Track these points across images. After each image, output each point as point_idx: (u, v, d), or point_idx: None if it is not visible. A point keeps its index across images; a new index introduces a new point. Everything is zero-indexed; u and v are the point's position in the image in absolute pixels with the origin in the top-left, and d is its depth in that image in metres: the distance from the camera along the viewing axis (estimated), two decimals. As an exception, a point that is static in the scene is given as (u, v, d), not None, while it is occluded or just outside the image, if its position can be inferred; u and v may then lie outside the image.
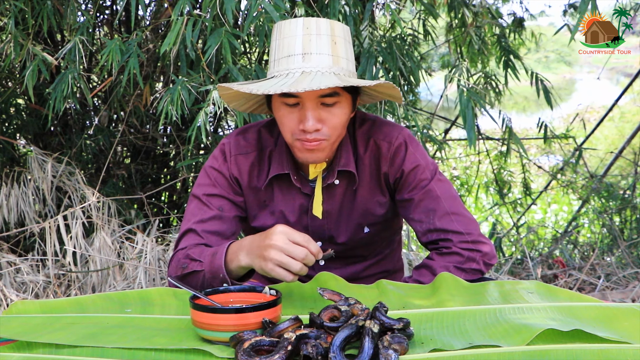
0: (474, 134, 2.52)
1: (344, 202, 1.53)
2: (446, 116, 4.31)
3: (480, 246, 1.45)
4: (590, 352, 0.98)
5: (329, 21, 1.37)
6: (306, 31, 1.35)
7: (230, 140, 1.54)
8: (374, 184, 1.52)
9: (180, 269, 1.40)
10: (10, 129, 3.30)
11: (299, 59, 1.34)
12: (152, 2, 3.24)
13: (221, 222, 1.48)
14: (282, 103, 1.38)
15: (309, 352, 0.96)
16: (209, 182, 1.51)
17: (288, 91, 1.28)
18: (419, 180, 1.48)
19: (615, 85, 12.00)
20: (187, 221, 1.49)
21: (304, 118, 1.35)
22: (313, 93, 1.34)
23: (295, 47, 1.35)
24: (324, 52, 1.35)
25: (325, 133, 1.37)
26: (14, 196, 2.89)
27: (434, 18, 3.30)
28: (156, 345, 1.04)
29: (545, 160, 5.49)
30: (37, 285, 2.68)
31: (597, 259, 3.65)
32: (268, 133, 1.54)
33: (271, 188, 1.52)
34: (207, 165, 1.54)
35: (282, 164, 1.49)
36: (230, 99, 1.49)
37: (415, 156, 1.49)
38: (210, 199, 1.49)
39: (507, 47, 3.23)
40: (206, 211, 1.48)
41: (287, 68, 1.35)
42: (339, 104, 1.38)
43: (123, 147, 3.54)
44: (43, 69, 2.39)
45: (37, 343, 1.07)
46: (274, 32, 1.41)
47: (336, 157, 1.49)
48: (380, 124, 1.53)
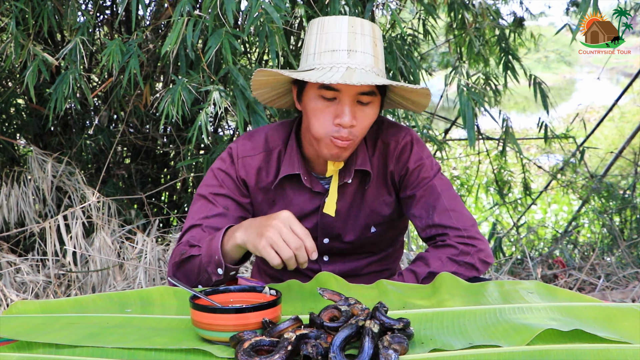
0: (474, 133, 2.52)
1: (354, 202, 1.55)
2: (446, 116, 4.31)
3: (475, 242, 1.46)
4: (590, 352, 0.98)
5: (370, 22, 1.41)
6: (351, 29, 1.38)
7: (237, 144, 1.56)
8: (381, 183, 1.55)
9: (179, 255, 1.41)
10: (10, 129, 3.30)
11: (344, 54, 1.37)
12: (152, 2, 3.24)
13: (226, 219, 1.49)
14: (319, 96, 1.39)
15: (309, 352, 0.96)
16: (217, 183, 1.52)
17: (342, 82, 1.30)
18: (422, 177, 1.51)
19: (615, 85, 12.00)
20: (192, 218, 1.50)
21: (341, 113, 1.37)
22: (353, 90, 1.36)
23: (340, 42, 1.38)
24: (368, 51, 1.39)
25: (355, 133, 1.40)
26: (14, 196, 2.89)
27: (434, 19, 3.30)
28: (156, 345, 1.04)
29: (545, 160, 5.49)
30: (37, 285, 2.68)
31: (597, 259, 3.65)
32: (275, 135, 1.56)
33: (282, 187, 1.54)
34: (214, 167, 1.55)
35: (293, 165, 1.51)
36: (257, 86, 1.51)
37: (420, 155, 1.52)
38: (217, 197, 1.51)
39: (506, 49, 3.24)
40: (212, 208, 1.50)
41: (331, 62, 1.37)
42: (372, 104, 1.41)
43: (123, 147, 3.54)
44: (43, 69, 2.39)
45: (37, 343, 1.07)
46: (313, 26, 1.43)
47: (352, 157, 1.51)
48: (388, 124, 1.55)
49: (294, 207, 1.54)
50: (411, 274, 1.45)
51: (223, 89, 2.21)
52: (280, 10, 2.03)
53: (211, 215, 1.49)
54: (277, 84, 1.50)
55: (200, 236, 1.44)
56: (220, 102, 2.16)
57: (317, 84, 1.37)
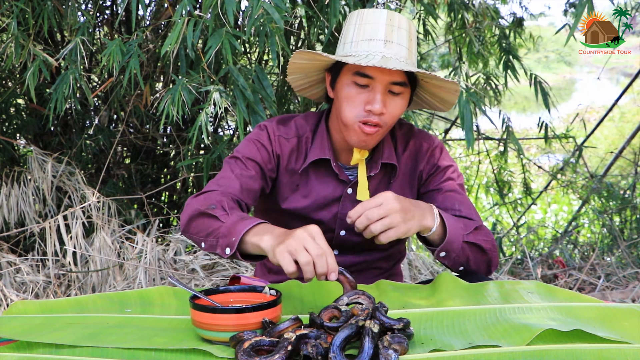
0: (472, 134, 2.52)
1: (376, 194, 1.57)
2: (446, 116, 4.31)
3: (494, 243, 1.48)
4: (590, 352, 0.98)
5: (407, 18, 1.47)
6: (389, 22, 1.44)
7: (272, 124, 1.59)
8: (406, 181, 1.60)
9: (207, 205, 1.39)
10: (10, 129, 3.30)
11: (380, 44, 1.43)
12: (152, 2, 3.24)
13: (254, 182, 1.51)
14: (352, 82, 1.44)
15: (309, 352, 0.96)
16: (254, 150, 1.54)
17: (377, 65, 1.36)
18: (450, 177, 1.57)
19: (615, 85, 12.00)
20: (225, 172, 1.51)
21: (372, 100, 1.42)
22: (387, 78, 1.42)
23: (378, 33, 1.44)
24: (403, 44, 1.45)
25: (384, 120, 1.44)
26: (14, 196, 2.89)
27: (434, 19, 3.30)
28: (156, 345, 1.04)
29: (545, 160, 5.49)
30: (37, 285, 2.68)
31: (597, 259, 3.65)
32: (304, 123, 1.60)
33: (307, 173, 1.57)
34: (252, 137, 1.57)
35: (324, 150, 1.55)
36: (293, 70, 1.55)
37: (450, 160, 1.60)
38: (250, 162, 1.53)
39: (507, 49, 3.23)
40: (244, 169, 1.52)
41: (368, 50, 1.43)
42: (402, 95, 1.46)
43: (123, 147, 3.54)
44: (44, 69, 2.39)
45: (37, 343, 1.07)
46: (352, 17, 1.49)
47: (378, 150, 1.56)
48: (419, 129, 1.64)
49: (316, 194, 1.56)
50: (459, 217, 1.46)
51: (223, 89, 2.21)
52: (281, 10, 2.03)
53: (245, 175, 1.50)
54: (312, 70, 1.55)
55: (232, 205, 1.41)
56: (221, 102, 2.16)
57: (351, 71, 1.43)
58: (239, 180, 1.49)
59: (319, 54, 1.46)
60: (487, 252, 1.44)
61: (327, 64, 1.50)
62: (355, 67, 1.42)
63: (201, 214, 1.39)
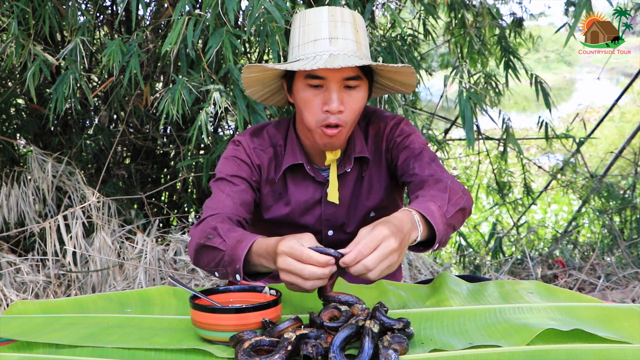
0: (473, 134, 2.52)
1: (354, 189, 1.58)
2: (446, 116, 4.31)
3: (457, 183, 1.42)
4: (590, 352, 0.98)
5: (350, 10, 1.45)
6: (331, 18, 1.42)
7: (245, 138, 1.59)
8: (376, 165, 1.58)
9: (204, 237, 1.39)
10: (10, 129, 3.30)
11: (325, 42, 1.41)
12: (152, 2, 3.24)
13: (247, 195, 1.52)
14: (306, 85, 1.43)
15: (309, 352, 0.96)
16: (234, 167, 1.54)
17: (323, 67, 1.34)
18: (406, 145, 1.54)
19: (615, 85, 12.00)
20: (216, 195, 1.51)
21: (328, 99, 1.40)
22: (338, 75, 1.40)
23: (321, 32, 1.42)
24: (349, 37, 1.42)
25: (344, 119, 1.43)
26: (14, 196, 2.89)
27: (434, 19, 3.30)
28: (156, 345, 1.04)
29: (545, 160, 5.49)
30: (37, 285, 2.68)
31: (597, 259, 3.65)
32: (275, 132, 1.59)
33: (284, 179, 1.57)
34: (228, 155, 1.57)
35: (295, 155, 1.54)
36: (249, 84, 1.54)
37: (408, 131, 1.57)
38: (235, 179, 1.53)
39: (507, 48, 3.23)
40: (233, 186, 1.52)
41: (314, 51, 1.41)
42: (360, 89, 1.44)
43: (123, 147, 3.54)
44: (44, 69, 2.39)
45: (37, 343, 1.07)
46: (296, 20, 1.47)
47: (350, 145, 1.55)
48: (380, 112, 1.62)
49: (297, 199, 1.57)
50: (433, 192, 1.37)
51: (223, 89, 2.21)
52: (282, 10, 2.02)
53: (236, 190, 1.51)
54: (267, 80, 1.53)
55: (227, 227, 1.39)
56: (221, 102, 2.15)
57: (304, 75, 1.41)
58: (230, 198, 1.49)
59: (266, 67, 1.44)
60: (464, 208, 1.38)
61: (280, 72, 1.48)
62: (306, 70, 1.39)
63: (203, 247, 1.39)
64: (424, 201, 1.31)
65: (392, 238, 1.12)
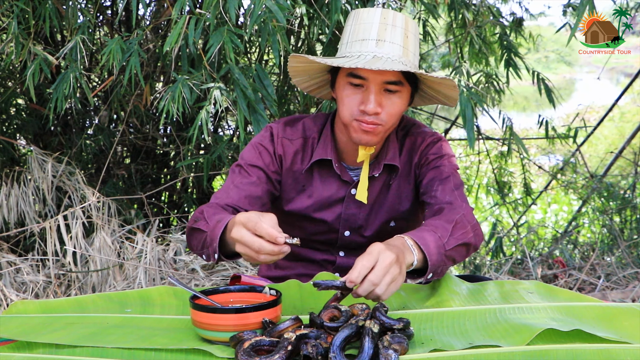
0: (474, 134, 2.53)
1: (379, 195, 1.59)
2: (446, 116, 4.31)
3: (471, 217, 1.43)
4: (590, 352, 0.98)
5: (404, 16, 1.45)
6: (383, 20, 1.43)
7: (278, 125, 1.61)
8: (405, 177, 1.59)
9: (193, 220, 1.45)
10: (10, 129, 3.30)
11: (372, 44, 1.42)
12: (152, 2, 3.23)
13: (258, 188, 1.54)
14: (347, 83, 1.44)
15: (309, 352, 0.96)
16: (255, 155, 1.57)
17: (362, 67, 1.35)
18: (437, 165, 1.55)
19: (615, 85, 12.00)
20: (227, 183, 1.55)
21: (366, 100, 1.42)
22: (379, 77, 1.41)
23: (370, 32, 1.43)
24: (397, 42, 1.43)
25: (382, 118, 1.44)
26: (14, 196, 2.89)
27: (435, 18, 3.29)
28: (156, 345, 1.04)
29: (545, 160, 5.49)
30: (37, 285, 2.68)
31: (597, 259, 3.64)
32: (312, 124, 1.61)
33: (311, 173, 1.58)
34: (254, 141, 1.60)
35: (326, 150, 1.56)
36: (295, 73, 1.56)
37: (442, 151, 1.58)
38: (251, 168, 1.55)
39: (508, 46, 3.23)
40: (245, 177, 1.54)
41: (360, 50, 1.43)
42: (400, 94, 1.45)
43: (123, 147, 3.54)
44: (44, 68, 2.39)
45: (37, 343, 1.07)
46: (350, 18, 1.48)
47: (383, 151, 1.56)
48: (420, 126, 1.63)
49: (320, 195, 1.57)
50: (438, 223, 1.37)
51: (224, 87, 2.21)
52: (284, 8, 2.02)
53: (245, 182, 1.53)
54: (313, 72, 1.55)
55: (212, 211, 1.43)
56: (221, 100, 2.15)
57: (346, 72, 1.43)
58: (237, 188, 1.51)
59: (308, 58, 1.45)
60: (469, 243, 1.39)
61: (326, 66, 1.50)
62: (349, 68, 1.42)
63: (191, 230, 1.44)
64: (423, 230, 1.35)
65: (389, 252, 1.14)
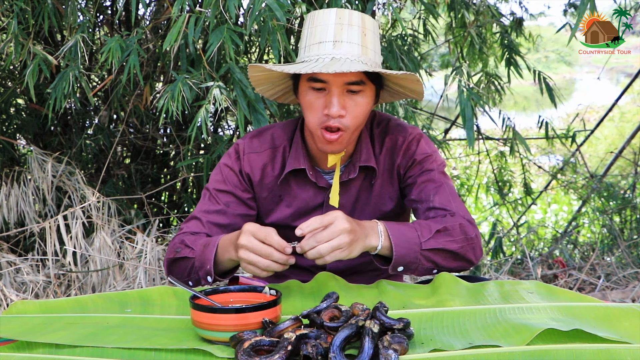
0: (473, 134, 2.53)
1: (359, 197, 1.58)
2: (446, 116, 4.31)
3: (472, 230, 1.44)
4: (590, 352, 0.98)
5: (360, 14, 1.43)
6: (338, 20, 1.41)
7: (245, 141, 1.60)
8: (387, 178, 1.57)
9: (173, 252, 1.46)
10: (10, 129, 3.30)
11: (329, 45, 1.40)
12: (152, 2, 3.23)
13: (225, 216, 1.54)
14: (309, 87, 1.42)
15: (309, 352, 0.96)
16: (221, 179, 1.57)
17: (319, 71, 1.33)
18: (426, 168, 1.54)
19: (615, 85, 11.99)
20: (196, 210, 1.57)
21: (329, 103, 1.40)
22: (340, 79, 1.38)
23: (327, 34, 1.41)
24: (354, 41, 1.40)
25: (346, 123, 1.42)
26: (14, 196, 2.89)
27: (435, 18, 3.29)
28: (156, 345, 1.04)
29: (545, 160, 5.49)
30: (37, 285, 2.68)
31: (597, 259, 3.65)
32: (281, 132, 1.59)
33: (287, 182, 1.57)
34: (221, 162, 1.60)
35: (299, 159, 1.54)
36: (257, 83, 1.55)
37: (427, 149, 1.55)
38: (219, 194, 1.56)
39: (509, 45, 3.23)
40: (213, 204, 1.55)
41: (318, 53, 1.40)
42: (363, 93, 1.42)
43: (123, 147, 3.54)
44: (44, 68, 2.39)
45: (37, 343, 1.07)
46: (306, 21, 1.47)
47: (356, 152, 1.54)
48: (395, 124, 1.59)
49: (299, 203, 1.57)
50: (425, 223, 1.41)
51: (224, 86, 2.20)
52: (284, 7, 2.02)
53: (211, 210, 1.54)
54: (275, 80, 1.53)
55: (194, 238, 1.48)
56: (221, 99, 2.15)
57: (307, 76, 1.41)
58: (206, 217, 1.54)
59: (265, 67, 1.43)
60: (456, 252, 1.39)
61: (287, 73, 1.48)
62: (306, 73, 1.39)
63: (174, 261, 1.46)
64: (404, 224, 1.39)
65: (345, 221, 1.24)
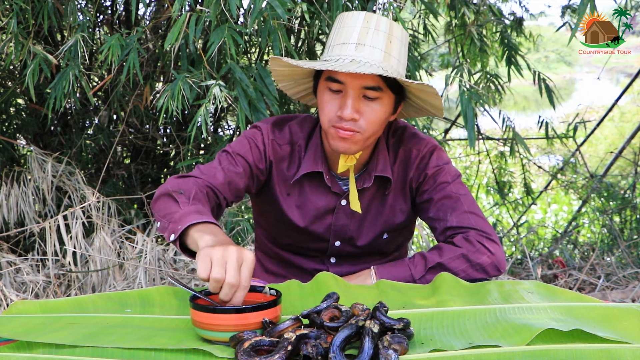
0: (474, 134, 2.53)
1: (370, 207, 1.55)
2: (446, 116, 4.31)
3: (492, 246, 1.43)
4: (590, 352, 0.98)
5: (390, 21, 1.41)
6: (365, 24, 1.39)
7: (267, 126, 1.55)
8: (399, 190, 1.55)
9: (177, 189, 1.39)
10: (10, 129, 3.30)
11: (352, 47, 1.38)
12: (152, 2, 3.23)
13: (239, 179, 1.50)
14: (327, 88, 1.41)
15: (309, 352, 0.96)
16: (246, 148, 1.52)
17: (333, 69, 1.31)
18: (440, 182, 1.51)
19: (615, 85, 12.00)
20: (214, 163, 1.50)
21: (343, 105, 1.38)
22: (357, 82, 1.36)
23: (351, 36, 1.39)
24: (378, 46, 1.38)
25: (360, 125, 1.39)
26: (14, 196, 2.89)
27: (435, 17, 3.29)
28: (156, 345, 1.04)
29: (545, 160, 5.49)
30: (37, 285, 2.68)
31: (597, 259, 3.65)
32: (298, 129, 1.56)
33: (300, 183, 1.54)
34: (246, 134, 1.55)
35: (317, 162, 1.51)
36: (280, 78, 1.53)
37: (439, 162, 1.53)
38: (239, 158, 1.51)
39: (510, 44, 3.23)
40: (232, 164, 1.50)
41: (339, 54, 1.39)
42: (380, 101, 1.40)
43: (123, 147, 3.54)
44: (44, 67, 2.38)
45: (37, 343, 1.07)
46: (336, 22, 1.45)
47: (372, 161, 1.52)
48: (410, 134, 1.56)
49: (309, 205, 1.54)
50: (422, 259, 1.43)
51: (224, 84, 2.20)
52: (285, 5, 2.01)
53: (232, 169, 1.49)
54: (297, 77, 1.52)
55: (200, 196, 1.39)
56: (221, 97, 2.14)
57: (326, 76, 1.40)
58: (224, 172, 1.47)
59: (285, 61, 1.41)
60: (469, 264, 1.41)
61: (311, 71, 1.46)
62: (328, 72, 1.38)
63: (167, 195, 1.39)
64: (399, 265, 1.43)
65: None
